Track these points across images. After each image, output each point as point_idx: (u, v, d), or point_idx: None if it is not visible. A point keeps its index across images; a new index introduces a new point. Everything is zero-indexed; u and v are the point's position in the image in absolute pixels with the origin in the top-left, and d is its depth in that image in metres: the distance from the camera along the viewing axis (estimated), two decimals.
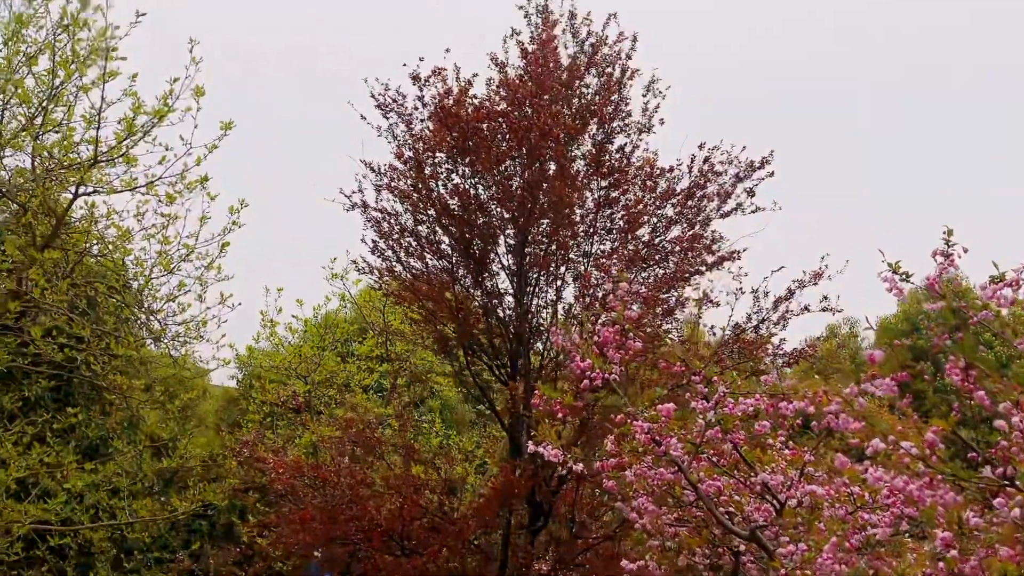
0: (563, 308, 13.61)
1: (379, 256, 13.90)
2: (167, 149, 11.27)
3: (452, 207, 13.17)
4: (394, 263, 13.95)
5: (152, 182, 11.50)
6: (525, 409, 12.67)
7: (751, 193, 12.92)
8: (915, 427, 3.92)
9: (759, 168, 12.90)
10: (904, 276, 4.55)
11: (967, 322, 4.23)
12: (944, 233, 4.49)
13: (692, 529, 5.71)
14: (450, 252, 13.60)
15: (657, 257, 13.10)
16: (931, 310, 4.31)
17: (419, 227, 13.66)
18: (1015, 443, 3.62)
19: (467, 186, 13.12)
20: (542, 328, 13.59)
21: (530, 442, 5.53)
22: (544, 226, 13.19)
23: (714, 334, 12.28)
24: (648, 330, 11.49)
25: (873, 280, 4.73)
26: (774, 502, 5.30)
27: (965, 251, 4.49)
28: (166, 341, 12.85)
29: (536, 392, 5.53)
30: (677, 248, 12.98)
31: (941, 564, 3.87)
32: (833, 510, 5.38)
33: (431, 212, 13.40)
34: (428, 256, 13.73)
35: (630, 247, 12.95)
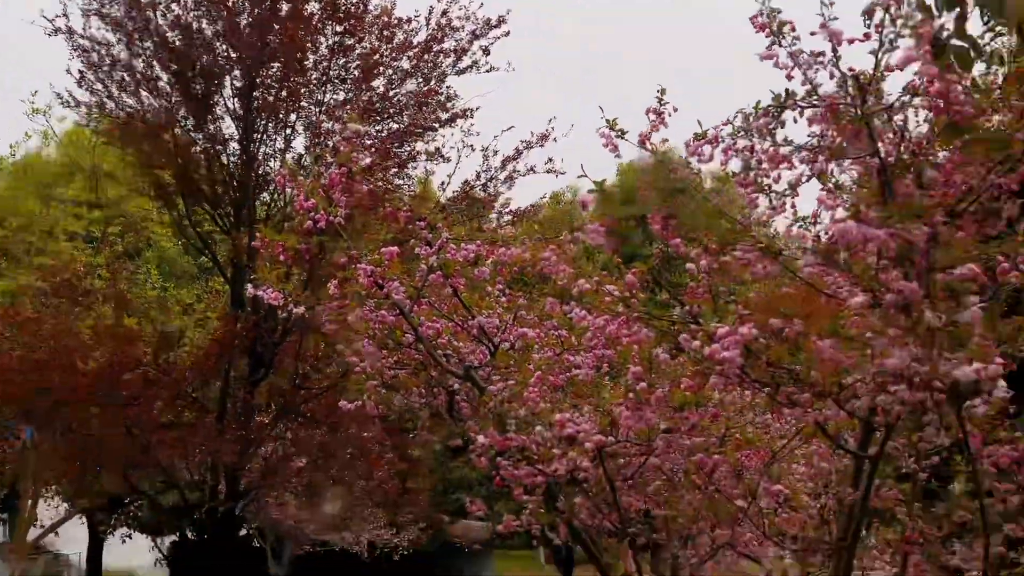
0: (293, 157, 13.20)
1: (87, 90, 12.71)
2: None
3: (172, 41, 12.19)
4: (105, 99, 12.82)
5: None
6: (249, 260, 12.32)
7: (486, 51, 12.97)
8: (619, 272, 4.19)
9: (495, 27, 12.94)
10: (620, 132, 4.76)
11: (670, 176, 4.52)
12: (657, 92, 4.72)
13: (411, 371, 5.86)
14: (169, 91, 12.68)
15: (392, 110, 12.94)
16: (641, 165, 4.56)
17: (134, 61, 12.57)
18: (702, 285, 3.97)
19: (190, 19, 12.17)
20: (270, 177, 13.14)
21: (249, 285, 5.35)
22: (275, 70, 12.57)
23: (443, 190, 12.44)
24: (381, 184, 11.43)
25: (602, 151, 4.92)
26: (489, 344, 5.53)
27: (675, 110, 4.76)
28: None
29: (258, 235, 5.34)
30: (412, 102, 12.87)
31: (631, 395, 4.22)
32: (543, 352, 5.69)
33: (148, 45, 12.35)
34: (144, 93, 12.73)
35: (364, 98, 12.67)
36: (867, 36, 3.43)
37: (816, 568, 6.43)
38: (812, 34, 3.43)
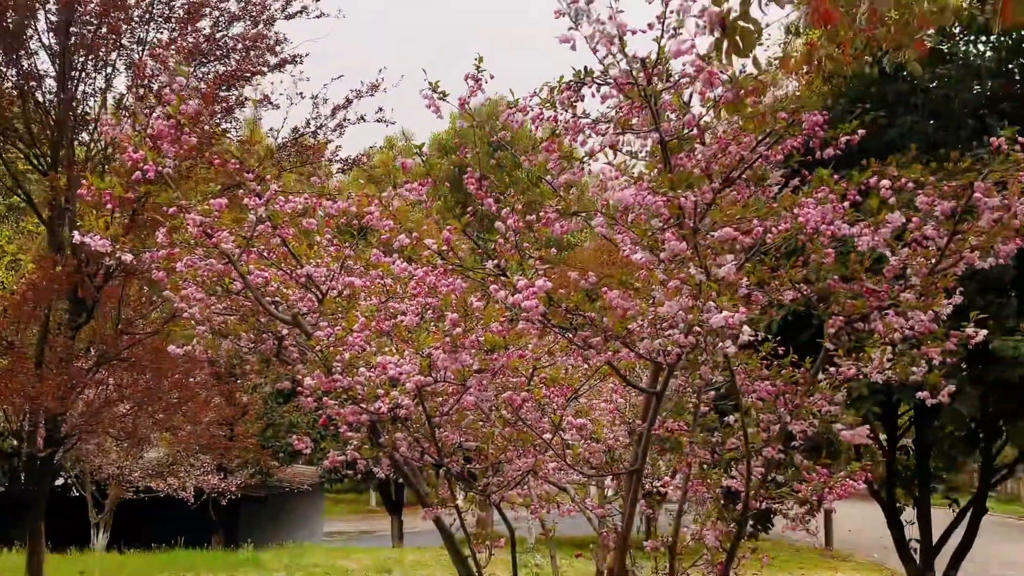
0: (114, 97, 12.82)
1: None
2: None
3: None
4: None
5: None
6: (67, 202, 11.98)
7: None
8: (436, 226, 4.59)
9: None
10: (442, 95, 5.12)
11: (487, 140, 4.94)
12: (476, 60, 5.10)
13: (239, 318, 6.07)
14: None
15: (219, 53, 12.72)
16: (462, 126, 4.95)
17: None
18: (509, 241, 4.43)
19: None
20: (89, 117, 12.72)
21: (75, 233, 5.43)
22: (93, 5, 12.10)
23: (274, 137, 12.41)
24: (206, 127, 11.30)
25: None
26: (317, 292, 5.81)
27: (492, 77, 5.16)
28: None
29: (84, 183, 5.40)
30: (239, 45, 12.69)
31: (448, 339, 4.66)
32: (369, 301, 6.03)
33: None
34: None
35: (190, 39, 12.41)
36: (650, 26, 3.93)
37: (616, 495, 7.15)
38: (602, 23, 3.88)
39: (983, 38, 11.73)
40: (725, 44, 3.87)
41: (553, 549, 8.18)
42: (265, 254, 5.87)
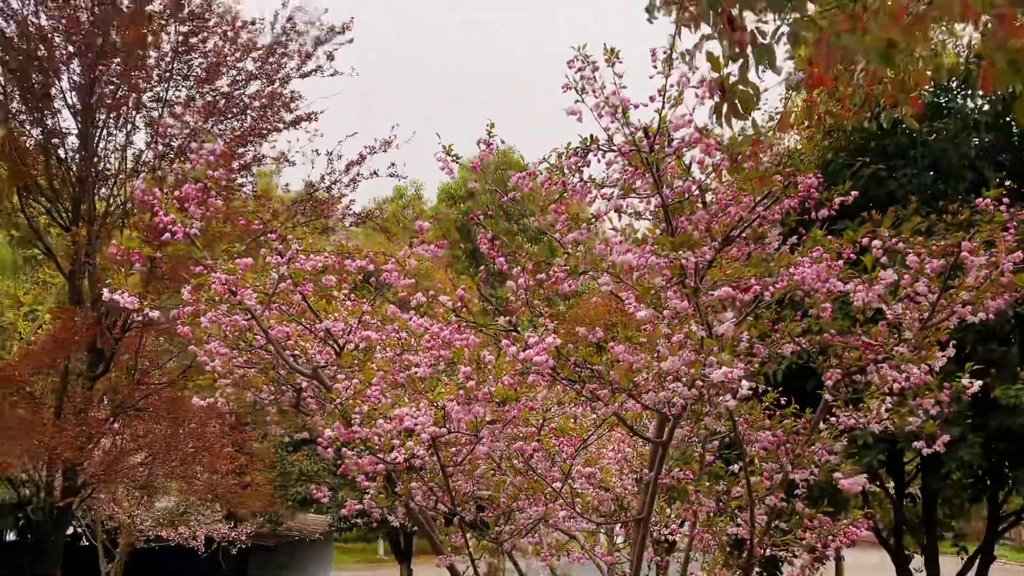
0: (133, 154, 13.19)
1: None
2: None
3: (7, 34, 11.99)
4: None
5: None
6: (88, 256, 12.28)
7: (331, 57, 13.35)
8: (451, 284, 4.84)
9: (340, 33, 13.35)
10: (455, 157, 5.40)
11: (498, 201, 5.20)
12: (488, 126, 5.38)
13: (260, 370, 6.29)
14: (3, 83, 12.43)
15: (236, 110, 13.12)
16: (474, 188, 5.21)
17: None
18: (520, 299, 4.67)
19: (27, 13, 12.00)
20: (110, 173, 13.09)
21: (105, 290, 5.69)
22: (115, 65, 12.53)
23: (288, 191, 12.74)
24: (224, 183, 11.63)
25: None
26: (335, 345, 6.04)
27: (503, 142, 5.44)
28: None
29: (114, 242, 5.66)
30: (256, 103, 13.09)
31: (462, 392, 4.87)
32: (384, 353, 6.25)
33: None
34: None
35: (208, 97, 12.82)
36: (652, 99, 4.20)
37: (625, 543, 7.30)
38: (606, 98, 4.16)
39: (979, 92, 12.02)
40: (725, 108, 4.13)
41: None
42: (285, 309, 6.11)
